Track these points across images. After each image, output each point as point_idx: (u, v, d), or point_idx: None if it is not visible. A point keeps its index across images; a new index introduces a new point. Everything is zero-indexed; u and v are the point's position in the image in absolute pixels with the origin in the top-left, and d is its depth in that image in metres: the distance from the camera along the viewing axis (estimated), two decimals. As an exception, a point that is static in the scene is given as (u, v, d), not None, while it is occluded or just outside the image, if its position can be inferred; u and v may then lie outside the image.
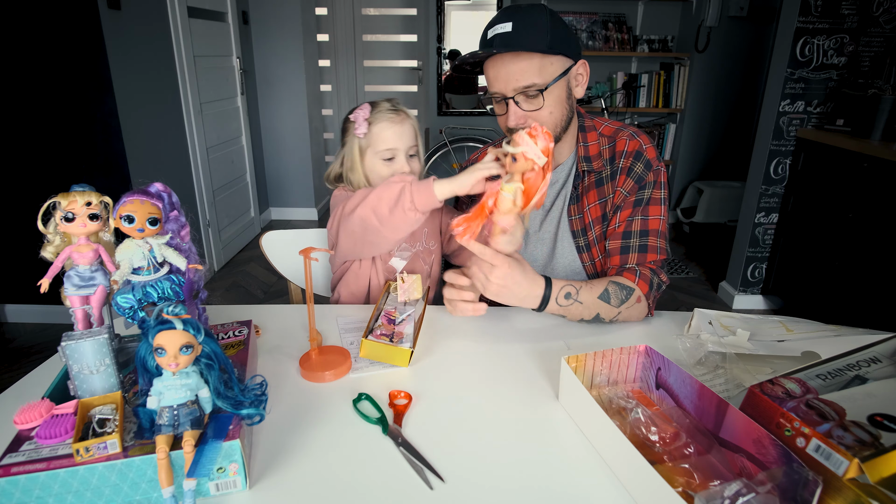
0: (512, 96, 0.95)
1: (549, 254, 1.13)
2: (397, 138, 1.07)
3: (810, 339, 0.89)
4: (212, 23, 3.09)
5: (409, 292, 0.93)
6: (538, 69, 0.93)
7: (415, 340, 0.86)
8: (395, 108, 1.09)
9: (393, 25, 4.94)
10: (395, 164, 1.07)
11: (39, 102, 2.20)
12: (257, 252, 3.43)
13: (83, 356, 0.63)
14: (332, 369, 0.82)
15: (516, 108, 0.96)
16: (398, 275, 0.95)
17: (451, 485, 0.62)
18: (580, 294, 0.94)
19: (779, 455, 0.55)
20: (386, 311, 0.93)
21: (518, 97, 0.95)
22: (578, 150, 1.07)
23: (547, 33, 0.92)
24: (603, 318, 0.98)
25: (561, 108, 0.99)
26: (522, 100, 0.96)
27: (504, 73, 0.94)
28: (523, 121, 0.97)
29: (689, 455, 0.63)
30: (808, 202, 2.45)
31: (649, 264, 1.04)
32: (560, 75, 0.95)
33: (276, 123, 3.91)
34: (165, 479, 0.55)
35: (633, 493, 0.60)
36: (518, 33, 0.91)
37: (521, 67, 0.93)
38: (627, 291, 0.98)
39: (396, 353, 0.84)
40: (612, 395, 0.75)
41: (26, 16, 2.09)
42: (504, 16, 0.94)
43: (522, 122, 0.97)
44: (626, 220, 1.05)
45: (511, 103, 0.96)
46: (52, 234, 0.68)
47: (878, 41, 2.33)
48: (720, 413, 0.63)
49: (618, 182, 1.05)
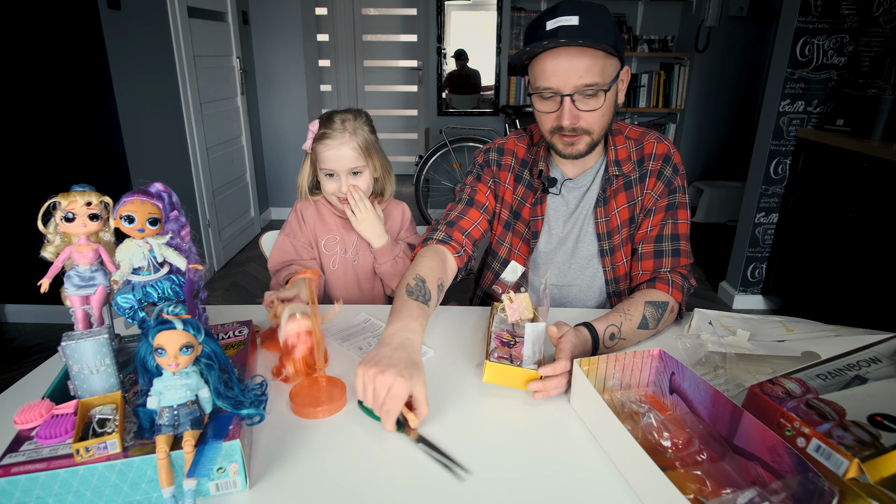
0: (570, 94, 0.91)
1: (569, 254, 1.11)
2: (335, 160, 1.12)
3: (810, 339, 0.89)
4: (212, 23, 3.09)
5: (519, 312, 0.90)
6: (601, 68, 0.90)
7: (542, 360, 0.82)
8: (342, 129, 1.11)
9: (393, 25, 4.94)
10: (335, 180, 1.14)
11: (40, 102, 2.19)
12: (257, 252, 3.43)
13: (83, 356, 0.63)
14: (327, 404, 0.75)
15: (572, 107, 0.92)
16: (505, 295, 0.90)
17: (474, 482, 0.62)
18: (622, 330, 0.91)
19: (794, 464, 0.54)
20: (496, 333, 0.89)
21: (575, 96, 0.91)
22: (608, 154, 1.05)
23: (611, 32, 0.89)
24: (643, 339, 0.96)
25: (611, 112, 0.96)
26: (579, 98, 0.92)
27: (566, 67, 0.89)
28: (577, 121, 0.94)
29: (702, 462, 0.62)
30: (808, 202, 2.45)
31: (681, 269, 1.04)
32: (615, 78, 0.93)
33: (276, 123, 3.91)
34: (165, 479, 0.55)
35: (643, 498, 0.59)
36: (586, 28, 0.87)
37: (587, 64, 0.88)
38: (662, 308, 0.97)
39: (521, 374, 0.79)
40: (624, 399, 0.74)
41: (26, 16, 2.09)
42: (569, 8, 0.89)
43: (577, 121, 0.94)
44: (658, 223, 1.04)
45: (567, 101, 0.91)
46: (53, 234, 0.68)
47: (878, 41, 2.33)
48: (734, 420, 0.62)
49: (647, 185, 1.05)
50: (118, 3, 2.20)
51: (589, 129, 0.96)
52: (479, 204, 1.12)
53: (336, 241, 1.20)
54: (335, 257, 1.20)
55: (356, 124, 1.13)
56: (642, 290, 1.02)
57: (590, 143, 0.98)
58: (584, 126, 0.95)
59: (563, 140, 0.98)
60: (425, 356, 0.90)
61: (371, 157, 1.16)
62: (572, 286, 1.13)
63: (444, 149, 3.59)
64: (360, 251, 1.21)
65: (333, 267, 1.21)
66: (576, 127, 0.95)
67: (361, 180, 1.15)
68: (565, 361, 0.78)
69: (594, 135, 0.97)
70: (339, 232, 1.21)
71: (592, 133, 0.97)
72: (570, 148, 0.98)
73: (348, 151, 1.11)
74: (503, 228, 1.15)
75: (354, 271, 1.22)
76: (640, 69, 3.98)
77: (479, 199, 1.13)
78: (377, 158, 1.17)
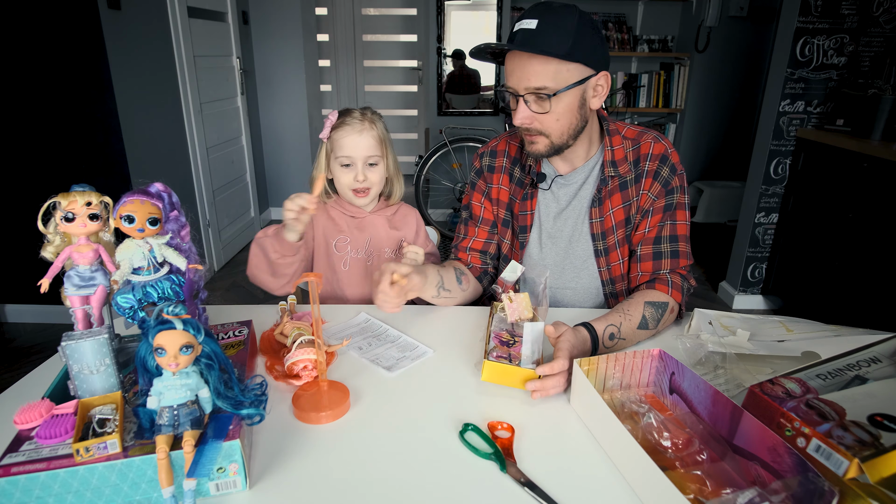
0: (522, 95, 0.94)
1: (563, 254, 1.11)
2: (353, 147, 1.12)
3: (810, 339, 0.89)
4: (212, 23, 3.09)
5: (518, 312, 0.90)
6: (553, 74, 0.91)
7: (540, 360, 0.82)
8: (361, 118, 1.13)
9: (393, 25, 4.94)
10: (351, 171, 1.14)
11: (40, 102, 2.19)
12: (257, 252, 3.43)
13: (83, 356, 0.63)
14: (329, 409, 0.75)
15: (525, 108, 0.95)
16: (504, 295, 0.91)
17: (474, 482, 0.62)
18: (622, 330, 0.92)
19: (794, 464, 0.54)
20: (495, 332, 0.90)
21: (528, 97, 0.94)
22: (605, 155, 1.06)
23: (569, 38, 0.89)
24: (643, 339, 0.97)
25: (570, 117, 0.97)
26: (532, 100, 0.94)
27: (519, 70, 0.93)
28: (529, 121, 0.96)
29: (702, 462, 0.62)
30: (808, 202, 2.45)
31: (680, 270, 1.04)
32: (575, 84, 0.93)
33: (276, 123, 3.91)
34: (165, 479, 0.55)
35: (643, 498, 0.59)
36: (540, 34, 0.89)
37: (536, 69, 0.91)
38: (662, 309, 0.97)
39: (519, 373, 0.79)
40: (624, 399, 0.74)
41: (27, 16, 2.09)
42: (534, 12, 0.92)
43: (528, 122, 0.96)
44: (656, 224, 1.04)
45: (521, 101, 0.95)
46: (53, 234, 0.67)
47: (878, 41, 2.33)
48: (735, 420, 0.62)
49: (643, 185, 1.05)
50: (118, 3, 2.20)
51: (544, 132, 0.97)
52: (477, 218, 1.18)
53: (347, 242, 1.20)
54: (346, 258, 1.20)
55: (374, 117, 1.16)
56: (642, 290, 1.02)
57: (549, 146, 0.99)
58: (538, 127, 0.97)
59: (526, 138, 1.00)
60: (425, 356, 0.90)
61: (386, 153, 1.17)
62: (568, 287, 1.13)
63: (444, 149, 3.59)
64: (373, 252, 1.21)
65: (345, 268, 1.20)
66: (529, 128, 0.97)
67: (376, 173, 1.15)
68: (563, 361, 0.78)
69: (552, 138, 0.98)
70: (351, 233, 1.20)
71: (550, 136, 0.98)
72: (531, 146, 1.01)
73: (367, 139, 1.12)
74: (502, 226, 1.17)
75: (367, 272, 1.21)
76: (640, 69, 3.98)
77: (475, 213, 1.19)
78: (391, 157, 1.19)
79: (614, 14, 3.88)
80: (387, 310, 0.94)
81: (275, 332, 0.93)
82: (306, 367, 0.82)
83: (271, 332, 0.94)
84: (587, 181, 1.09)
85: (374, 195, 1.18)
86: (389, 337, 0.97)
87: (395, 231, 1.22)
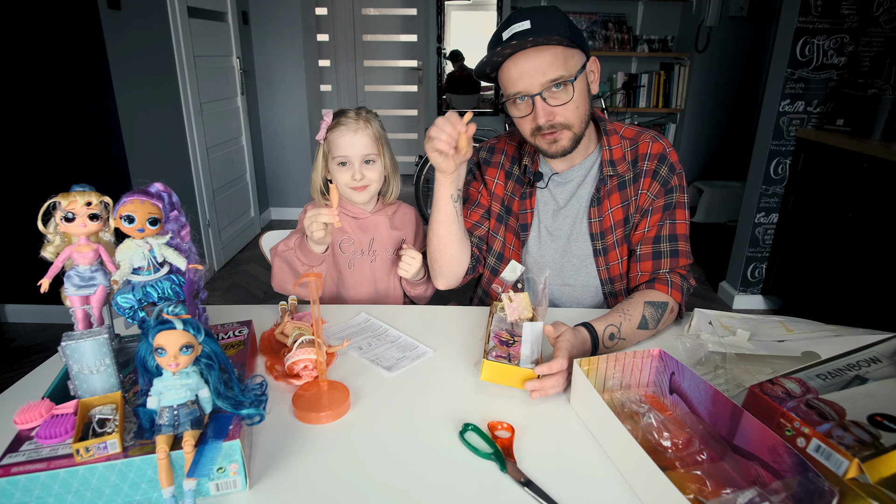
0: (539, 92, 0.94)
1: (562, 251, 1.11)
2: (349, 146, 1.12)
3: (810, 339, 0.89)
4: (212, 23, 3.09)
5: (518, 311, 0.90)
6: (563, 61, 0.92)
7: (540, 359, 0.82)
8: (356, 117, 1.13)
9: (393, 25, 4.94)
10: (349, 170, 1.14)
11: (40, 102, 2.19)
12: (257, 252, 3.43)
13: (83, 356, 0.63)
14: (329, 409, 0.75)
15: (544, 105, 0.94)
16: (504, 295, 0.91)
17: (473, 482, 0.62)
18: (622, 330, 0.92)
19: (794, 464, 0.54)
20: (495, 332, 0.89)
21: (545, 93, 0.94)
22: (603, 155, 1.06)
23: (565, 26, 0.93)
24: (643, 339, 0.97)
25: (585, 104, 0.98)
26: (549, 95, 0.94)
27: (530, 68, 0.92)
28: (552, 116, 0.96)
29: (702, 462, 0.62)
30: (808, 202, 2.45)
31: (680, 269, 1.04)
32: (581, 68, 0.95)
33: (276, 123, 3.91)
34: (165, 479, 0.55)
35: (643, 498, 0.59)
36: (539, 27, 0.91)
37: (547, 60, 0.91)
38: (662, 308, 0.97)
39: (518, 373, 0.79)
40: (624, 399, 0.74)
41: (26, 16, 2.09)
42: (520, 16, 0.93)
43: (552, 117, 0.96)
44: (656, 224, 1.04)
45: (538, 100, 0.94)
46: (52, 234, 0.67)
47: (878, 41, 2.33)
48: (735, 420, 0.62)
49: (642, 185, 1.05)
50: (118, 3, 2.20)
51: (567, 123, 0.97)
52: (472, 201, 1.19)
53: (351, 243, 1.20)
54: (351, 258, 1.20)
55: (370, 116, 1.16)
56: (641, 290, 1.02)
57: (572, 138, 0.99)
58: (561, 121, 0.97)
59: (546, 139, 0.99)
60: (425, 356, 0.90)
61: (383, 151, 1.17)
62: (567, 285, 1.13)
63: (444, 149, 3.59)
64: (377, 252, 1.21)
65: (350, 269, 1.20)
66: (553, 123, 0.97)
67: (374, 170, 1.15)
68: (562, 360, 0.78)
69: (574, 128, 0.98)
70: (354, 233, 1.20)
71: (572, 126, 0.98)
72: (553, 146, 1.00)
73: (363, 138, 1.12)
74: (496, 222, 1.17)
75: (372, 271, 1.21)
76: (640, 69, 3.98)
77: (471, 196, 1.19)
78: (388, 155, 1.19)
79: (614, 14, 3.88)
80: (439, 145, 0.92)
81: (275, 332, 0.93)
82: (306, 367, 0.82)
83: (271, 332, 0.94)
84: (585, 180, 1.09)
85: (373, 192, 1.18)
86: (389, 337, 0.97)
87: (395, 231, 1.22)
